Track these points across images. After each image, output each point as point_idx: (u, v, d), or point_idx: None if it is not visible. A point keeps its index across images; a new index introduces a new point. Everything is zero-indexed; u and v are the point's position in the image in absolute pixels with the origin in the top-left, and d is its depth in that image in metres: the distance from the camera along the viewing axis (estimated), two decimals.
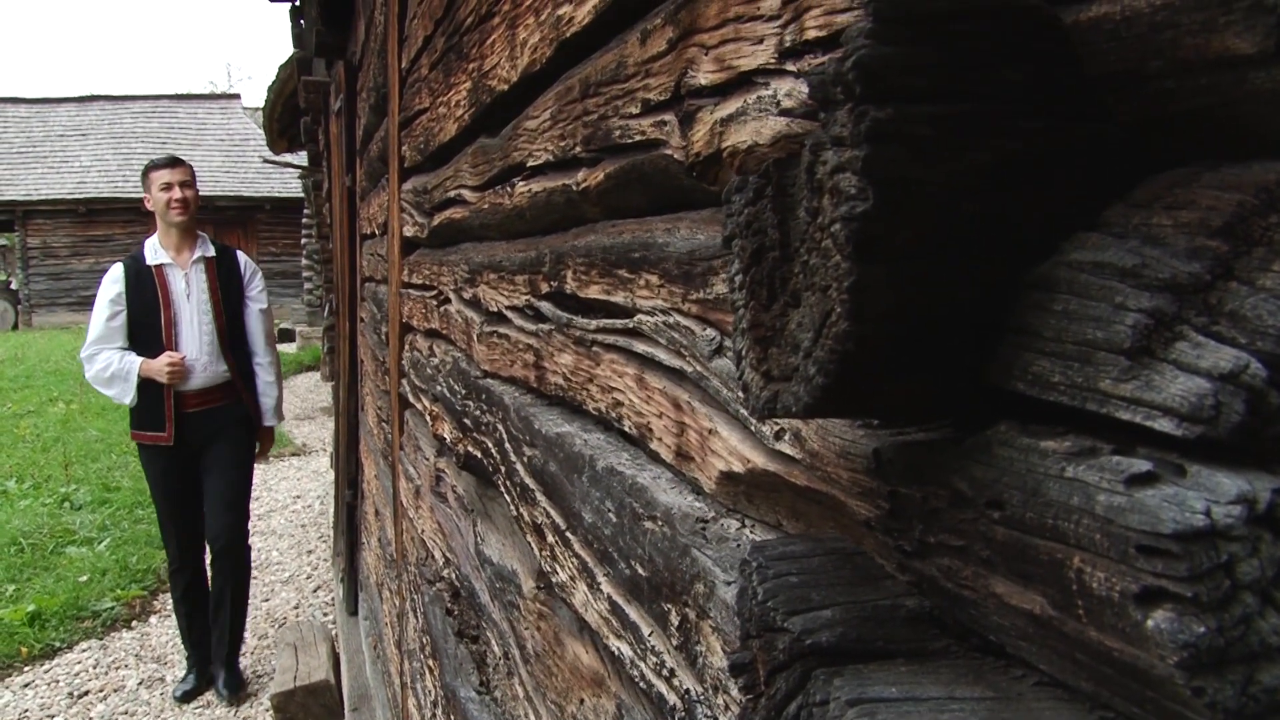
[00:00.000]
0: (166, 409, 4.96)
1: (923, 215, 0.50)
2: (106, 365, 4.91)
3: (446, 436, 2.34)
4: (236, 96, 32.75)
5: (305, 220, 20.08)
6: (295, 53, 9.56)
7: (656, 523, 1.00)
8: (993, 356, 0.54)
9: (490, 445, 1.82)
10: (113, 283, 5.01)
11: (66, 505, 9.07)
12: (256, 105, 28.09)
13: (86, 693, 5.58)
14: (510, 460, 1.65)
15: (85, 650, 6.16)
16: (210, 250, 5.16)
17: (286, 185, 26.38)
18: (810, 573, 0.62)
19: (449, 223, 2.37)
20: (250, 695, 5.41)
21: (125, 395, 4.95)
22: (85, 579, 7.13)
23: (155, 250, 5.06)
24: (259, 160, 26.54)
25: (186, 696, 5.35)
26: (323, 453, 11.97)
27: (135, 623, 6.55)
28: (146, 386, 4.93)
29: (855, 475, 0.67)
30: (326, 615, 6.67)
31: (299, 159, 16.10)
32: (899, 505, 0.62)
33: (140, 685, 5.59)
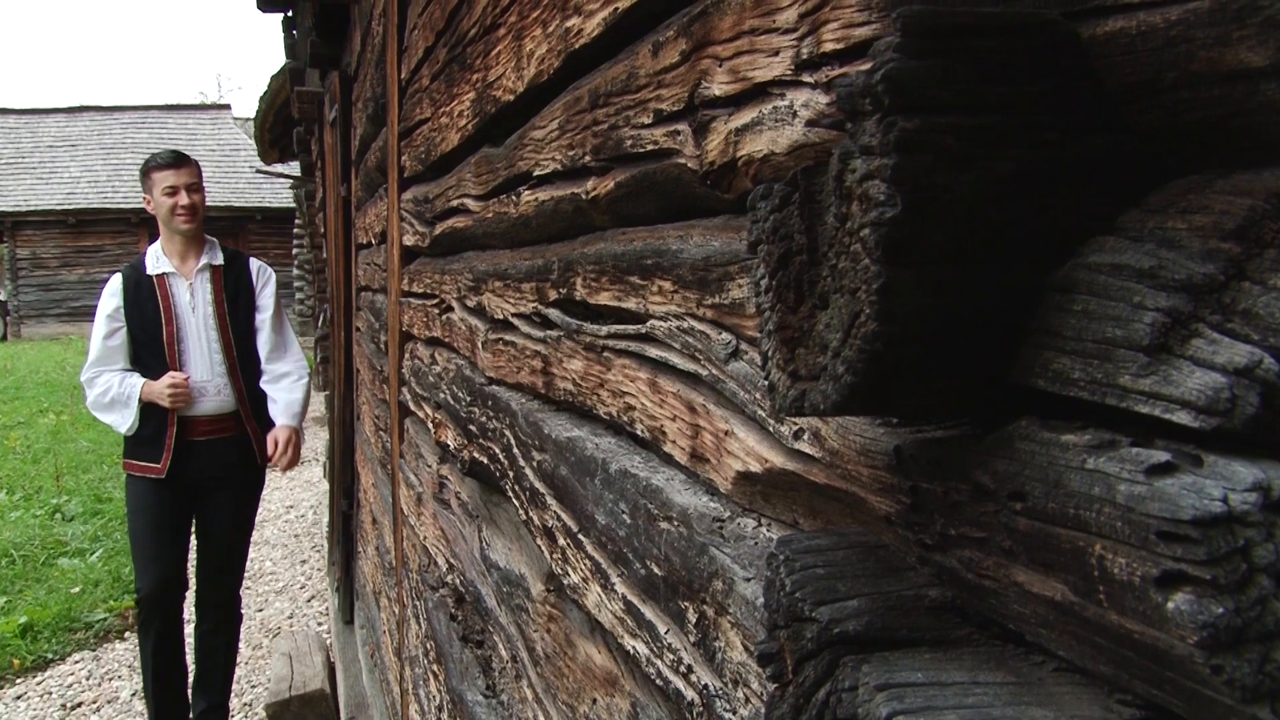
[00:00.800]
0: (168, 437, 4.30)
1: (948, 221, 0.52)
2: (106, 389, 4.27)
3: (450, 443, 2.36)
4: (227, 107, 32.78)
5: (297, 230, 20.09)
6: (288, 63, 9.58)
7: (672, 523, 1.02)
8: (1013, 355, 0.56)
9: (497, 451, 1.84)
10: (110, 296, 4.39)
11: (58, 517, 9.05)
12: (247, 115, 28.09)
13: (80, 704, 5.56)
14: (519, 465, 1.67)
15: (78, 662, 6.14)
16: (219, 257, 4.53)
17: (277, 195, 26.41)
18: (836, 565, 0.64)
19: (451, 231, 2.39)
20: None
21: (125, 422, 4.29)
22: (77, 590, 7.11)
23: (157, 258, 4.45)
24: (250, 170, 26.58)
25: None
26: (315, 463, 11.94)
27: (128, 634, 6.52)
28: (149, 412, 4.29)
29: (876, 472, 0.70)
30: (321, 625, 6.67)
31: (291, 169, 16.10)
32: (920, 500, 0.64)
33: (134, 697, 5.56)
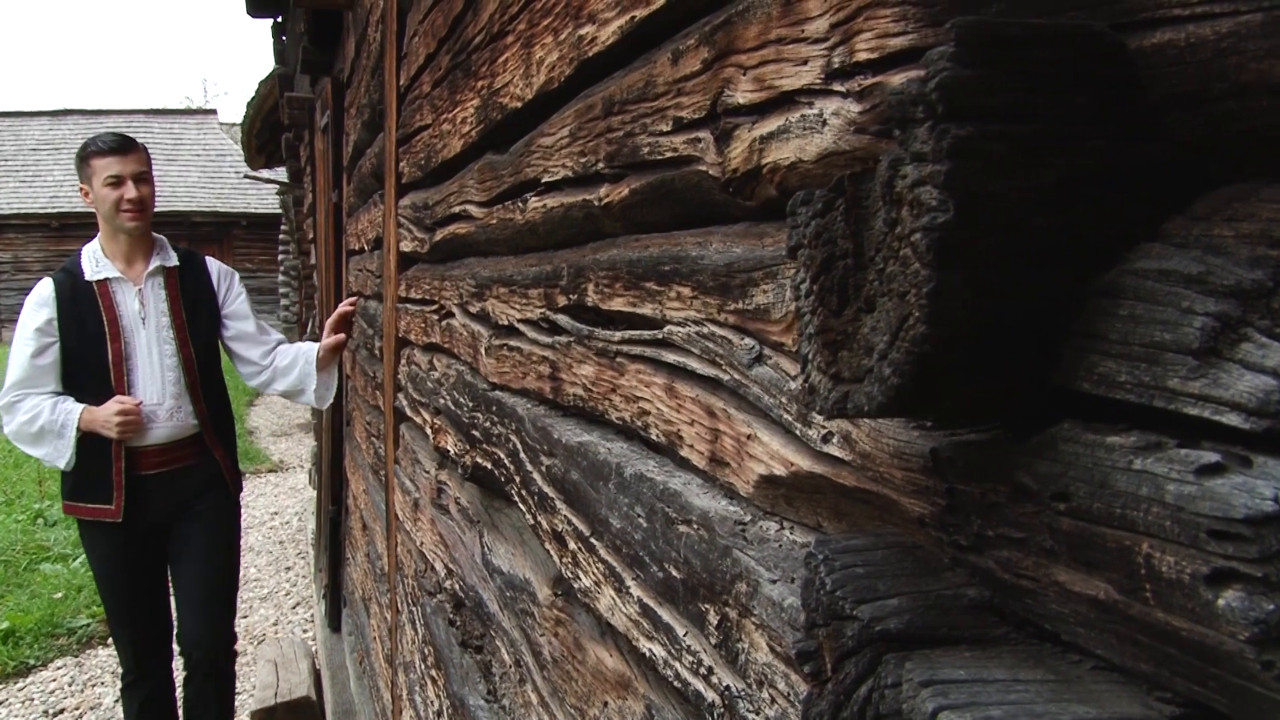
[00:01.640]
0: (115, 473, 3.60)
1: (997, 226, 0.54)
2: (33, 416, 3.50)
3: (450, 449, 2.36)
4: (213, 112, 32.65)
5: (283, 236, 19.99)
6: (276, 69, 9.57)
7: (692, 526, 1.03)
8: (1055, 359, 0.57)
9: (502, 456, 1.84)
10: (39, 306, 3.58)
11: (40, 522, 9.00)
12: (233, 121, 28.04)
13: (62, 710, 5.53)
14: (526, 470, 1.67)
15: (60, 668, 6.10)
16: (172, 258, 3.78)
17: (263, 200, 26.30)
18: (874, 564, 0.65)
19: (453, 237, 2.39)
20: None
21: (61, 456, 3.55)
22: (60, 596, 7.06)
23: (96, 260, 3.67)
24: (235, 176, 26.47)
25: None
26: (300, 469, 11.90)
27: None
28: (88, 442, 3.54)
29: (910, 474, 0.71)
30: (306, 632, 6.64)
31: (278, 175, 16.06)
32: (956, 501, 0.65)
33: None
